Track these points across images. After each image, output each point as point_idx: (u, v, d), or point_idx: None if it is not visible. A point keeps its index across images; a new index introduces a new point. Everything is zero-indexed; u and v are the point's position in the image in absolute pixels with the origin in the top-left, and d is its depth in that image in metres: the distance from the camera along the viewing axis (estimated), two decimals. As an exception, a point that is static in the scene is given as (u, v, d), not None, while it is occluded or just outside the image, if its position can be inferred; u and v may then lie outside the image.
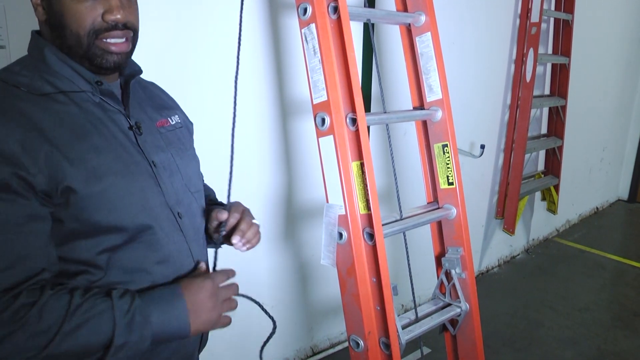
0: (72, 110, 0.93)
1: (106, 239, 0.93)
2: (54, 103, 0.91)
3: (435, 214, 1.73)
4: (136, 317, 0.88)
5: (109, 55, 0.94)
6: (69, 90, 0.93)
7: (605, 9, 4.42)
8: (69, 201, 0.88)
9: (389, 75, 2.57)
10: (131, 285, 0.96)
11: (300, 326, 2.57)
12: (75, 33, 0.91)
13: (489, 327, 2.98)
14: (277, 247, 2.33)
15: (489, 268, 3.84)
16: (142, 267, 0.98)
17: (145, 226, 0.97)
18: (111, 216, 0.92)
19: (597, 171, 5.08)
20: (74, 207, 0.88)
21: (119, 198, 0.93)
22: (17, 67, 0.94)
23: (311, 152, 2.26)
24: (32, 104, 0.88)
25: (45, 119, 0.88)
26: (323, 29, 1.42)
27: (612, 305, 3.37)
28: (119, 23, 0.93)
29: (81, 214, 0.89)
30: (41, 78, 0.92)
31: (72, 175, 0.87)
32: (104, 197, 0.91)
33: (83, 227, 0.90)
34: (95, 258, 0.92)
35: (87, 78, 0.95)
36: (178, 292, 0.95)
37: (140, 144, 1.01)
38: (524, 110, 3.39)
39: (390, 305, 1.49)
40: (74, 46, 0.92)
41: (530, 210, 4.09)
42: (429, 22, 1.69)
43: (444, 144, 1.73)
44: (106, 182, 0.91)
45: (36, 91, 0.90)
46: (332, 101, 1.43)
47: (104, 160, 0.92)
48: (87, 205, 0.89)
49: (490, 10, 3.18)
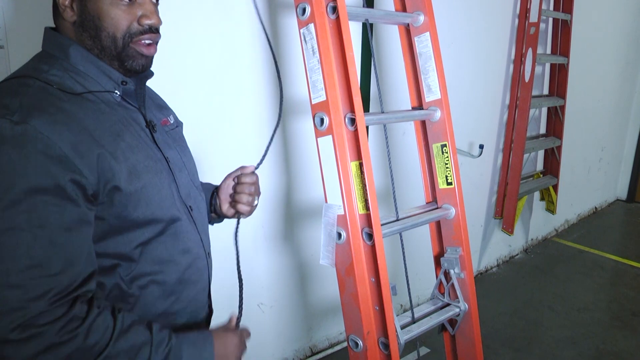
0: (104, 110, 0.95)
1: (142, 232, 0.97)
2: (87, 102, 0.93)
3: (434, 214, 1.73)
4: (170, 357, 0.93)
5: (140, 58, 0.99)
6: (95, 90, 0.95)
7: (604, 9, 4.42)
8: (113, 199, 0.91)
9: (387, 75, 2.57)
10: (160, 275, 1.02)
11: (299, 326, 2.57)
12: (112, 35, 0.95)
13: (488, 327, 2.98)
14: (276, 247, 2.33)
15: (487, 268, 3.84)
16: (171, 257, 1.04)
17: (175, 218, 1.03)
18: (148, 211, 0.97)
19: (596, 171, 5.08)
20: (117, 205, 0.92)
21: (155, 193, 0.98)
22: (44, 66, 0.93)
23: (310, 152, 2.26)
24: (72, 103, 0.90)
25: (87, 118, 0.90)
26: (322, 29, 1.42)
27: (611, 305, 3.37)
28: (153, 27, 0.98)
29: (123, 211, 0.93)
30: (70, 77, 0.94)
31: (119, 175, 0.91)
32: (143, 193, 0.95)
33: (122, 223, 0.94)
34: (132, 252, 0.97)
35: (114, 78, 0.98)
36: (210, 340, 1.02)
37: (157, 141, 1.05)
38: (523, 110, 3.39)
39: (389, 305, 1.48)
40: (108, 47, 0.95)
41: (529, 210, 4.10)
42: (427, 22, 1.69)
43: (442, 144, 1.73)
44: (144, 179, 0.96)
45: (69, 90, 0.91)
46: (330, 101, 1.42)
47: (139, 158, 0.96)
48: (129, 202, 0.93)
49: (489, 10, 3.18)
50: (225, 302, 2.17)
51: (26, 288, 0.79)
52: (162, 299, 1.03)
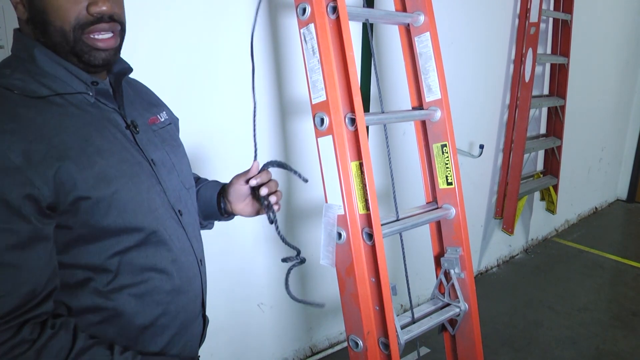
0: (72, 113, 0.89)
1: (116, 241, 0.91)
2: (52, 106, 0.87)
3: (434, 214, 1.73)
4: None
5: (96, 52, 0.90)
6: (64, 92, 0.89)
7: (604, 9, 4.42)
8: (79, 208, 0.85)
9: (387, 75, 2.57)
10: (143, 286, 0.96)
11: (299, 326, 2.57)
12: (59, 29, 0.86)
13: (488, 327, 2.98)
14: (276, 247, 2.33)
15: (488, 268, 3.84)
16: (155, 266, 0.97)
17: (153, 226, 0.96)
18: (120, 219, 0.90)
19: (596, 171, 5.08)
20: (83, 213, 0.86)
21: (128, 200, 0.91)
22: (6, 70, 0.88)
23: (310, 152, 2.26)
24: (30, 108, 0.84)
25: (46, 124, 0.84)
26: (322, 29, 1.42)
27: (611, 305, 3.37)
28: (104, 15, 0.88)
29: (91, 219, 0.87)
30: (35, 80, 0.87)
31: (82, 182, 0.84)
32: (114, 200, 0.89)
33: (92, 232, 0.88)
34: (106, 262, 0.91)
35: (84, 79, 0.92)
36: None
37: (138, 143, 0.99)
38: (523, 110, 3.39)
39: (389, 305, 1.48)
40: (59, 43, 0.88)
41: (529, 210, 4.10)
42: (427, 22, 1.69)
43: (442, 144, 1.73)
44: (115, 185, 0.89)
45: (32, 94, 0.85)
46: (331, 101, 1.42)
47: (111, 163, 0.90)
48: (97, 210, 0.87)
49: (489, 10, 3.18)
50: (223, 305, 2.17)
51: None
52: (147, 311, 0.97)
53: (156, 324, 1.00)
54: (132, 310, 0.95)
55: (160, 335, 1.01)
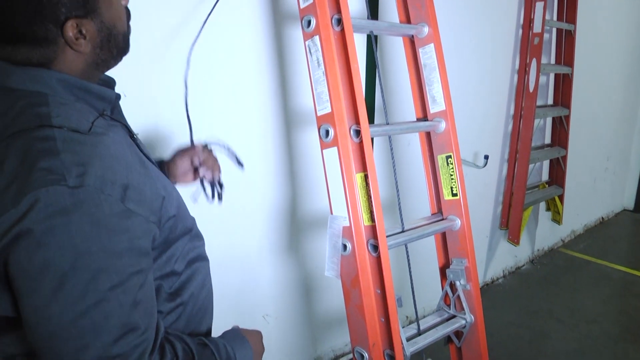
0: (115, 139, 0.84)
1: (177, 247, 0.98)
2: (103, 137, 0.81)
3: (439, 225, 1.73)
4: (230, 354, 0.99)
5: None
6: (94, 119, 0.83)
7: (608, 19, 4.43)
8: (164, 226, 0.90)
9: (392, 87, 2.58)
10: (197, 275, 1.05)
11: (304, 338, 2.56)
12: (122, 33, 0.89)
13: (494, 339, 2.96)
14: (281, 258, 2.32)
15: (493, 279, 3.82)
16: (199, 255, 1.06)
17: (193, 221, 1.06)
18: (182, 225, 0.99)
19: (602, 181, 5.06)
20: (166, 230, 0.92)
21: (181, 205, 1.00)
22: (41, 108, 0.77)
23: (315, 163, 2.26)
24: (109, 147, 0.79)
25: (123, 154, 0.81)
26: (327, 41, 1.43)
27: (620, 317, 3.33)
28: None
29: (170, 234, 0.94)
30: (73, 113, 0.80)
31: (169, 203, 0.90)
32: (179, 210, 0.97)
33: (166, 245, 0.94)
34: (174, 266, 0.98)
35: (108, 96, 0.89)
36: (243, 335, 1.10)
37: (142, 150, 0.99)
38: (528, 120, 3.39)
39: (394, 316, 1.48)
40: (123, 48, 0.90)
41: (535, 221, 4.08)
42: (431, 34, 1.70)
43: (447, 155, 1.73)
44: (174, 194, 0.96)
45: (83, 130, 0.78)
46: (336, 113, 1.43)
47: (159, 175, 0.94)
48: (175, 224, 0.94)
49: (493, 21, 3.19)
50: (228, 316, 2.16)
51: (127, 355, 0.77)
52: (201, 294, 1.07)
53: (205, 306, 1.10)
54: (193, 299, 1.04)
55: (204, 316, 1.11)
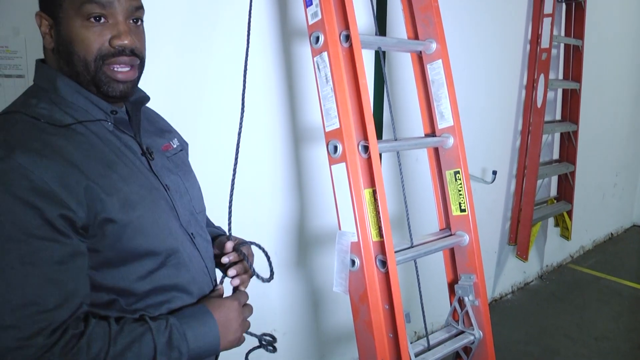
0: (94, 141, 0.93)
1: (140, 265, 0.95)
2: (76, 134, 0.91)
3: (447, 241, 1.72)
4: (174, 335, 0.92)
5: (115, 84, 0.95)
6: (85, 120, 0.93)
7: (615, 34, 4.44)
8: (106, 231, 0.89)
9: (400, 103, 2.59)
10: (166, 305, 0.99)
11: (312, 353, 2.55)
12: (82, 59, 0.91)
13: (503, 355, 2.93)
14: (289, 274, 2.32)
15: (502, 295, 3.79)
16: (176, 285, 1.01)
17: (173, 249, 1.00)
18: (146, 242, 0.94)
19: (611, 196, 5.03)
20: (111, 237, 0.90)
21: (152, 224, 0.95)
22: (32, 100, 0.92)
23: (323, 179, 2.27)
24: (60, 137, 0.88)
25: (75, 152, 0.88)
26: (335, 57, 1.45)
27: (631, 334, 3.29)
28: (126, 48, 0.93)
29: (118, 243, 0.91)
30: (59, 109, 0.92)
31: (110, 206, 0.88)
32: (139, 224, 0.93)
33: (119, 255, 0.92)
34: (131, 285, 0.94)
35: (104, 107, 0.96)
36: (206, 309, 1.01)
37: (153, 169, 1.03)
38: (536, 135, 3.38)
39: (403, 332, 1.47)
40: (81, 72, 0.93)
41: (544, 237, 4.05)
42: (439, 50, 1.71)
43: (455, 171, 1.73)
44: (140, 209, 0.93)
45: (59, 123, 0.90)
46: (344, 129, 1.44)
47: (133, 189, 0.94)
48: (124, 234, 0.91)
49: (501, 36, 3.21)
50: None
51: (22, 327, 0.78)
52: None
53: None
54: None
55: None
